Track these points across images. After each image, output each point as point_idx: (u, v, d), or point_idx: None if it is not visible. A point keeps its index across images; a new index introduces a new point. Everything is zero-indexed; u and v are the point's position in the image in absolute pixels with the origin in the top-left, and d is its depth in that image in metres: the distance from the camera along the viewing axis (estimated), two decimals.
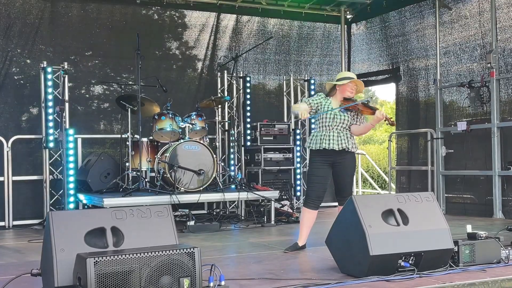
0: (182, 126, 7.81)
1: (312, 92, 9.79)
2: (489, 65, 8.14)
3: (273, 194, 7.97)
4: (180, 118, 7.87)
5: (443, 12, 9.03)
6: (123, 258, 3.31)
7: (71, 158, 7.67)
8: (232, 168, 9.04)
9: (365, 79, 10.89)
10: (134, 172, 7.75)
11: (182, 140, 7.67)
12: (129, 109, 7.73)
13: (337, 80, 5.61)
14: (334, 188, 5.66)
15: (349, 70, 10.82)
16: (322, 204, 5.97)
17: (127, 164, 7.79)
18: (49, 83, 7.85)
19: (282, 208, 8.32)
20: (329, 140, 5.42)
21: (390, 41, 10.17)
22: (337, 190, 5.61)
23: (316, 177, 5.51)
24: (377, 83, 11.18)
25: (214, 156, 7.77)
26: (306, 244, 5.63)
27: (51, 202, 8.00)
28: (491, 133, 8.17)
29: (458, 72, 8.94)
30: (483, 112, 8.40)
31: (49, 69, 7.87)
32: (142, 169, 7.70)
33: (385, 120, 5.31)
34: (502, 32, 8.20)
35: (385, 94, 44.72)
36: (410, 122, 9.90)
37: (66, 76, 7.95)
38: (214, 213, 8.69)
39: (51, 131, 7.83)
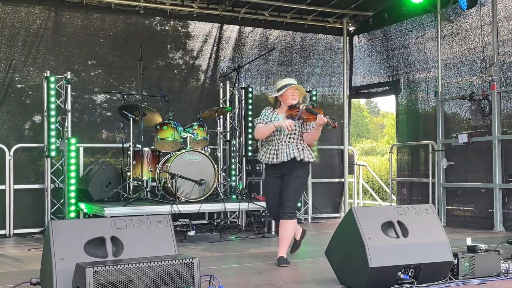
0: (184, 136, 7.83)
1: (314, 104, 9.80)
2: (490, 78, 8.16)
3: None
4: (182, 128, 7.89)
5: (444, 25, 9.07)
6: (122, 268, 3.32)
7: (73, 167, 7.68)
8: (233, 178, 9.05)
9: (366, 90, 10.94)
10: (135, 182, 7.77)
11: (183, 150, 7.68)
12: (131, 118, 7.76)
13: (277, 91, 5.50)
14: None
15: (350, 81, 10.86)
16: (322, 216, 5.99)
17: (128, 173, 7.81)
18: (52, 92, 7.89)
19: None
20: (277, 154, 5.33)
21: (390, 53, 10.22)
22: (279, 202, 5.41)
23: (269, 192, 5.49)
24: (377, 95, 11.22)
25: (215, 166, 7.78)
26: (283, 257, 5.37)
27: (52, 210, 8.01)
28: (492, 145, 8.17)
29: (458, 85, 8.96)
30: (484, 124, 8.41)
31: (52, 78, 7.91)
32: (143, 179, 7.71)
33: (327, 124, 5.15)
34: (502, 45, 8.23)
35: (388, 106, 44.73)
36: (410, 134, 9.91)
37: (69, 85, 7.99)
38: (215, 223, 8.68)
39: (53, 140, 7.85)
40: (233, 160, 9.05)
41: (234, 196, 8.20)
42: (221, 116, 8.76)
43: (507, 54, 8.19)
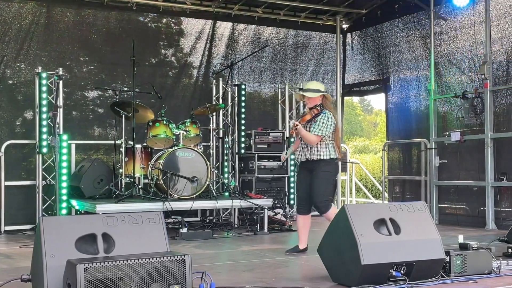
0: (176, 133, 7.81)
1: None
2: (483, 76, 8.18)
3: (267, 202, 7.96)
4: (174, 125, 7.87)
5: (435, 23, 9.08)
6: (114, 264, 3.30)
7: (64, 164, 7.64)
8: (226, 175, 9.03)
9: (358, 88, 10.96)
10: (128, 179, 7.74)
11: (176, 147, 7.66)
12: (123, 115, 7.73)
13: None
14: None
15: (343, 79, 10.87)
16: (314, 213, 6.02)
17: (120, 170, 7.78)
18: (44, 88, 7.84)
19: (275, 216, 8.31)
20: (298, 152, 5.88)
21: (381, 51, 10.23)
22: None
23: (295, 184, 5.96)
24: (368, 93, 11.24)
25: (208, 163, 7.77)
26: (307, 248, 5.85)
27: (43, 207, 7.97)
28: (484, 144, 8.20)
29: (448, 83, 8.97)
30: (476, 123, 8.44)
31: (44, 74, 7.86)
32: (135, 176, 7.68)
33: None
34: (492, 44, 8.24)
35: (381, 104, 44.78)
36: (401, 132, 9.93)
37: (61, 81, 7.95)
38: (207, 220, 8.66)
39: (44, 136, 7.81)
40: (225, 157, 9.03)
41: (226, 194, 8.18)
42: (214, 113, 8.74)
43: (497, 53, 8.22)
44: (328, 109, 5.78)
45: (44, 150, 7.85)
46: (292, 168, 9.44)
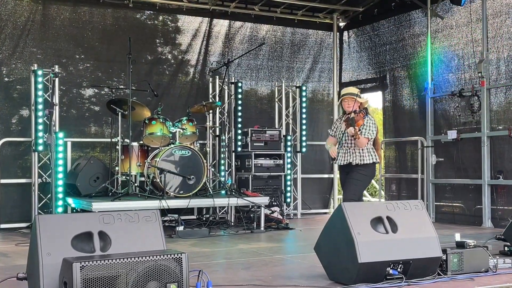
0: (173, 131, 7.79)
1: (304, 99, 9.81)
2: (479, 74, 8.18)
3: (263, 200, 7.96)
4: (171, 123, 7.85)
5: (432, 21, 9.08)
6: (110, 263, 3.29)
7: (60, 162, 7.62)
8: (223, 173, 9.02)
9: (354, 86, 10.93)
10: (124, 177, 7.72)
11: (172, 145, 7.64)
12: (119, 113, 7.70)
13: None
14: None
15: (340, 77, 10.86)
16: (311, 211, 6.04)
17: (116, 168, 7.76)
18: (40, 86, 7.81)
19: (272, 215, 8.29)
20: (339, 157, 6.02)
21: (378, 49, 10.22)
22: None
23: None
24: (365, 91, 11.22)
25: (205, 161, 7.75)
26: None
27: (39, 205, 7.95)
28: (481, 142, 8.20)
29: (445, 81, 8.97)
30: (473, 121, 8.44)
31: (39, 72, 7.82)
32: (131, 174, 7.66)
33: (353, 136, 5.80)
34: (488, 42, 8.24)
35: (378, 103, 44.82)
36: (396, 130, 9.93)
37: (57, 79, 7.92)
38: (204, 218, 8.66)
39: (40, 134, 7.78)
40: (222, 155, 9.02)
41: (223, 192, 8.17)
42: (211, 111, 8.71)
43: (492, 51, 8.21)
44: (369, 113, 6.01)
45: (40, 148, 7.82)
46: (289, 166, 9.43)
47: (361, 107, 5.99)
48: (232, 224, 8.34)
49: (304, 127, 9.84)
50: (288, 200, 9.43)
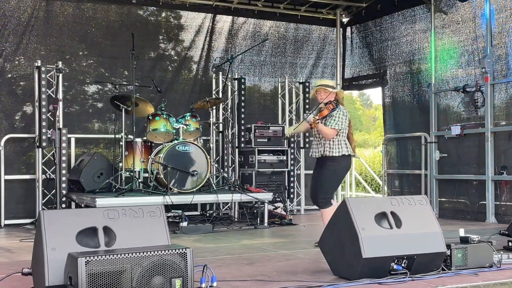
0: (176, 127, 7.80)
1: (307, 95, 9.80)
2: (483, 70, 8.16)
3: (267, 196, 7.96)
4: (174, 119, 7.85)
5: (435, 17, 9.06)
6: (115, 258, 3.30)
7: (64, 158, 7.63)
8: (226, 169, 9.02)
9: (356, 82, 10.93)
10: (127, 173, 7.73)
11: (176, 141, 7.65)
12: (123, 109, 7.71)
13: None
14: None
15: (343, 73, 10.85)
16: (315, 207, 6.06)
17: (120, 164, 7.77)
18: (43, 82, 7.81)
19: (275, 210, 8.31)
20: (312, 149, 6.05)
21: (380, 45, 10.21)
22: None
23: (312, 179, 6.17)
24: (366, 87, 11.22)
25: (208, 157, 7.76)
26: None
27: (43, 201, 7.97)
28: (484, 137, 8.19)
29: (448, 77, 8.95)
30: (477, 116, 8.42)
31: (43, 68, 7.83)
32: (135, 170, 7.67)
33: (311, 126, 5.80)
34: (492, 38, 8.21)
35: (381, 98, 44.82)
36: (398, 126, 9.91)
37: (60, 75, 7.93)
38: (207, 214, 8.67)
39: (44, 130, 7.79)
40: (225, 151, 9.02)
41: (226, 188, 8.17)
42: (214, 107, 8.72)
43: (496, 46, 8.19)
44: (342, 104, 5.92)
45: (44, 144, 7.83)
46: (292, 162, 9.44)
47: (337, 98, 5.91)
48: (236, 220, 8.36)
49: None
50: (292, 196, 9.43)
